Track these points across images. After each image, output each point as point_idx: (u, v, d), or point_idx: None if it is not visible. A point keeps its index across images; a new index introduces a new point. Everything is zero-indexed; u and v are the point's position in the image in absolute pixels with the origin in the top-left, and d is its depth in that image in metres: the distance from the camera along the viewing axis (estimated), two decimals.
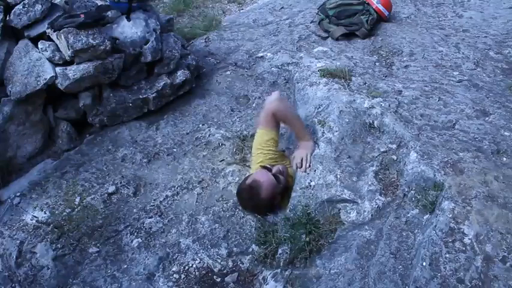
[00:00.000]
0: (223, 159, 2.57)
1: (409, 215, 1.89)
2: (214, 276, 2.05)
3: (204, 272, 2.07)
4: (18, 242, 2.17)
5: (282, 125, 2.43)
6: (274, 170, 2.16)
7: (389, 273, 1.70)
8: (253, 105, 2.99)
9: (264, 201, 2.10)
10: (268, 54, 3.38)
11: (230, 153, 2.60)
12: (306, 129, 2.40)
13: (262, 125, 2.34)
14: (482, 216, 1.67)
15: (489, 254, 1.57)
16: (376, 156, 2.20)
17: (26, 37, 2.66)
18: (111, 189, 2.42)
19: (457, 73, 2.93)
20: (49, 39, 2.61)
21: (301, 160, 2.28)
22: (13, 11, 2.58)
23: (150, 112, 2.90)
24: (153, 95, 2.84)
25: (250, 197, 2.11)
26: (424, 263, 1.61)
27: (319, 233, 1.99)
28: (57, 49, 2.58)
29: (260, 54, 3.42)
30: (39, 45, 2.59)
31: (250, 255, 2.09)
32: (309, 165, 2.27)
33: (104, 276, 2.07)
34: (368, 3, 3.62)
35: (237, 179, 2.44)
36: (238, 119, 2.84)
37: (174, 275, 2.06)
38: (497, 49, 3.25)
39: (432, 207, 1.83)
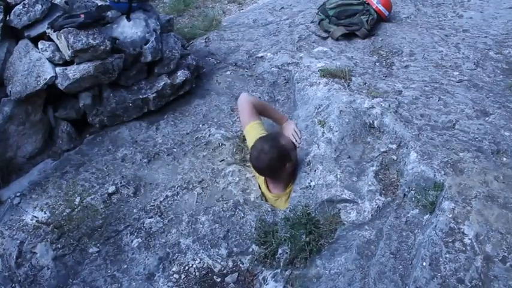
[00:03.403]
0: (223, 159, 2.56)
1: (409, 215, 1.90)
2: (214, 277, 2.05)
3: (204, 272, 2.07)
4: (18, 242, 2.16)
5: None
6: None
7: (389, 273, 1.71)
8: None
9: (281, 146, 2.24)
10: (268, 54, 3.38)
11: (230, 153, 2.60)
12: (281, 114, 2.73)
13: (248, 121, 2.52)
14: (482, 216, 1.67)
15: (489, 254, 1.57)
16: (376, 156, 2.20)
17: (26, 37, 2.66)
18: (111, 189, 2.42)
19: (457, 73, 2.93)
20: (49, 39, 2.61)
21: (292, 135, 2.48)
22: (13, 11, 2.58)
23: (150, 112, 2.90)
24: (153, 95, 2.84)
25: (271, 139, 2.27)
26: (424, 263, 1.61)
27: (319, 233, 1.99)
28: (57, 49, 2.58)
29: (260, 54, 3.42)
30: (39, 45, 2.59)
31: (250, 255, 2.09)
32: (300, 136, 2.49)
33: (104, 276, 2.07)
34: (368, 3, 3.63)
35: (237, 179, 2.44)
36: (238, 119, 2.84)
37: (174, 275, 2.06)
38: (497, 49, 3.26)
39: (432, 207, 1.83)
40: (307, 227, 2.00)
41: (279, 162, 2.22)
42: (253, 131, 2.46)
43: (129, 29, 2.75)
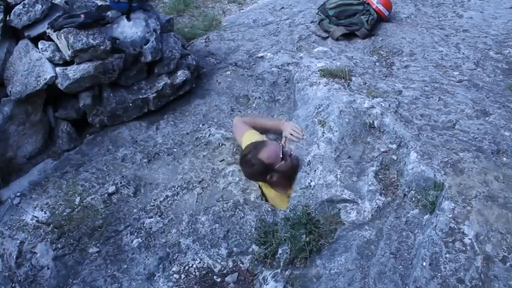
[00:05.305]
0: (223, 159, 2.57)
1: (409, 215, 1.90)
2: (215, 277, 2.05)
3: (204, 272, 2.07)
4: (18, 242, 2.17)
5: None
6: (285, 148, 2.36)
7: (390, 273, 1.71)
8: (253, 105, 2.99)
9: (258, 160, 2.24)
10: (269, 54, 3.38)
11: (230, 153, 2.60)
12: (276, 120, 2.77)
13: (242, 134, 2.55)
14: (483, 216, 1.67)
15: (489, 254, 1.57)
16: (376, 156, 2.20)
17: (26, 37, 2.66)
18: (111, 189, 2.42)
19: (457, 73, 2.93)
20: (49, 39, 2.61)
21: (294, 132, 2.48)
22: (13, 11, 2.58)
23: (150, 112, 2.90)
24: (153, 95, 2.84)
25: (250, 151, 2.28)
26: (424, 263, 1.61)
27: (319, 233, 2.00)
28: (57, 49, 2.58)
29: (260, 54, 3.42)
30: (39, 45, 2.59)
31: (250, 255, 2.09)
32: (302, 131, 2.48)
33: (104, 276, 2.07)
34: (368, 3, 3.63)
35: (237, 179, 2.44)
36: None
37: (174, 275, 2.06)
38: (497, 49, 3.26)
39: (432, 207, 1.83)
40: (307, 227, 2.00)
41: (258, 172, 2.29)
42: (248, 139, 2.46)
43: (129, 29, 2.75)
